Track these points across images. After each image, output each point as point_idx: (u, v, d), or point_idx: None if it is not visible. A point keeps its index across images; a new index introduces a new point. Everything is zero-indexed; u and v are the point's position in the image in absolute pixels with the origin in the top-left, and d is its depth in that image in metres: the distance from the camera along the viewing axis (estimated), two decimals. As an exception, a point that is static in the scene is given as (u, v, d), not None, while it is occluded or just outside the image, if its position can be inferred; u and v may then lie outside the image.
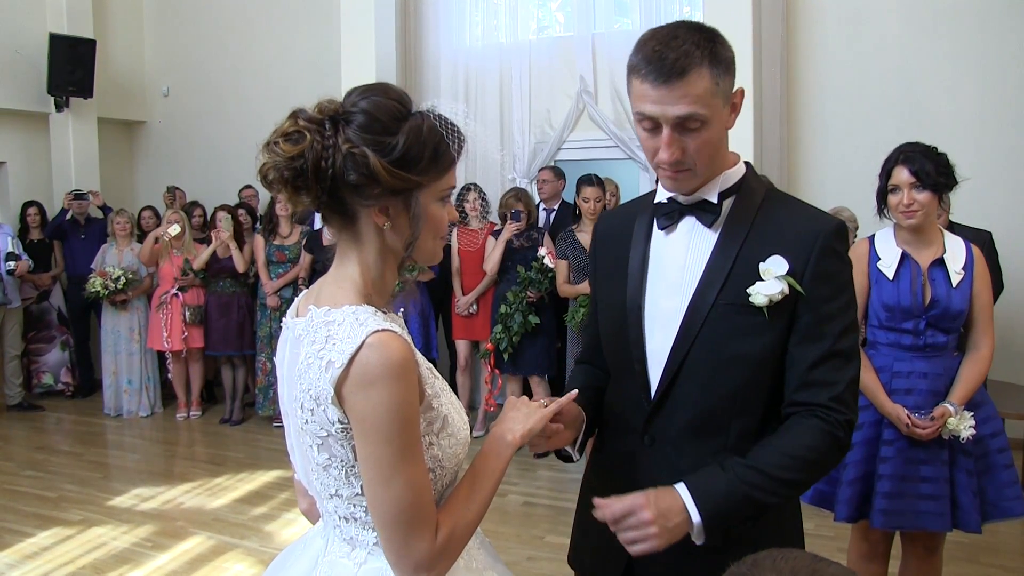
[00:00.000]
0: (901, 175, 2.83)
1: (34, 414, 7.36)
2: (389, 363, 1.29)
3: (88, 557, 4.32)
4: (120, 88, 8.90)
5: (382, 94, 1.38)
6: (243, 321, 6.99)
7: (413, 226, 1.40)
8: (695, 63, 1.47)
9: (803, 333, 1.56)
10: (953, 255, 2.87)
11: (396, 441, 1.29)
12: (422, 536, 1.33)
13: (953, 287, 2.84)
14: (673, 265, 1.65)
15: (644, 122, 1.54)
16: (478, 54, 7.30)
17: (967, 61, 5.80)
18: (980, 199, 5.47)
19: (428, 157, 1.36)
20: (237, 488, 5.36)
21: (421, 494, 1.33)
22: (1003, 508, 2.91)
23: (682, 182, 1.59)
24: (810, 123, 6.22)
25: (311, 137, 1.33)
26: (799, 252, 1.55)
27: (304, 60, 8.12)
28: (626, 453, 1.71)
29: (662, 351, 1.63)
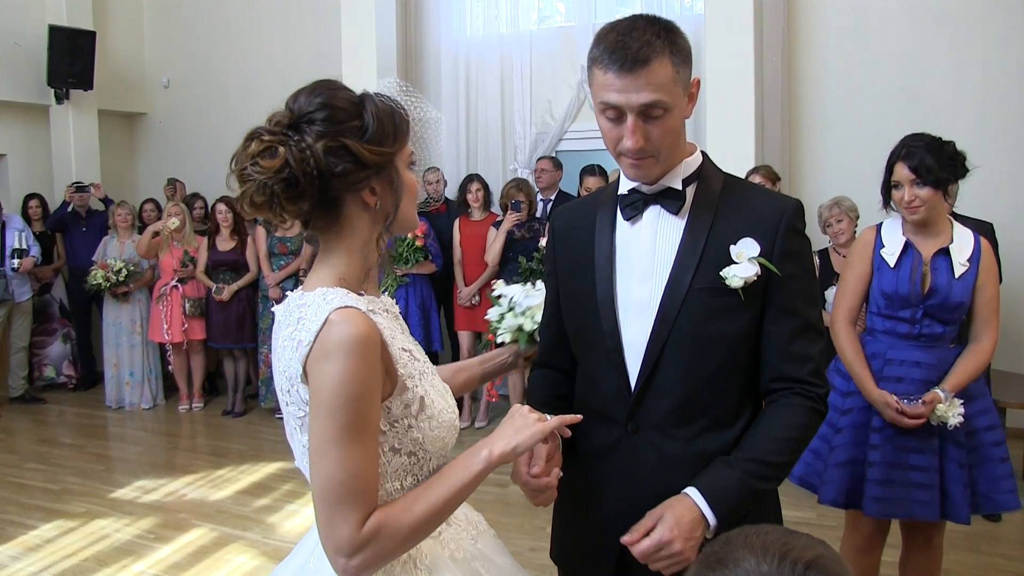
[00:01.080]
0: (902, 172, 2.82)
1: (36, 407, 7.37)
2: (346, 337, 1.30)
3: (91, 549, 4.34)
4: (120, 80, 8.88)
5: (328, 88, 1.43)
6: (244, 313, 6.99)
7: (396, 195, 1.46)
8: (657, 52, 1.51)
9: (777, 310, 1.63)
10: (960, 246, 2.85)
11: (338, 416, 1.29)
12: (346, 519, 1.30)
13: (956, 278, 2.82)
14: (642, 254, 1.67)
15: (608, 111, 1.56)
16: (479, 44, 7.29)
17: (969, 53, 5.78)
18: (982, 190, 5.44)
19: (392, 129, 1.43)
20: (240, 480, 5.37)
21: (354, 475, 1.30)
22: (996, 501, 2.90)
23: (645, 170, 1.62)
24: (811, 114, 6.21)
25: (285, 146, 1.37)
26: (766, 233, 1.61)
27: (305, 51, 8.10)
28: (610, 443, 1.71)
29: (639, 340, 1.65)
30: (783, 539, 0.94)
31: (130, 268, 7.06)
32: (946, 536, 4.23)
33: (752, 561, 0.92)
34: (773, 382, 1.65)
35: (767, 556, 0.92)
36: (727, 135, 5.66)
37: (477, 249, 6.18)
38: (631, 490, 1.67)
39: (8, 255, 6.99)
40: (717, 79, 5.71)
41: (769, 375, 1.65)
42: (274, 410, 6.83)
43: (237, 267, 6.96)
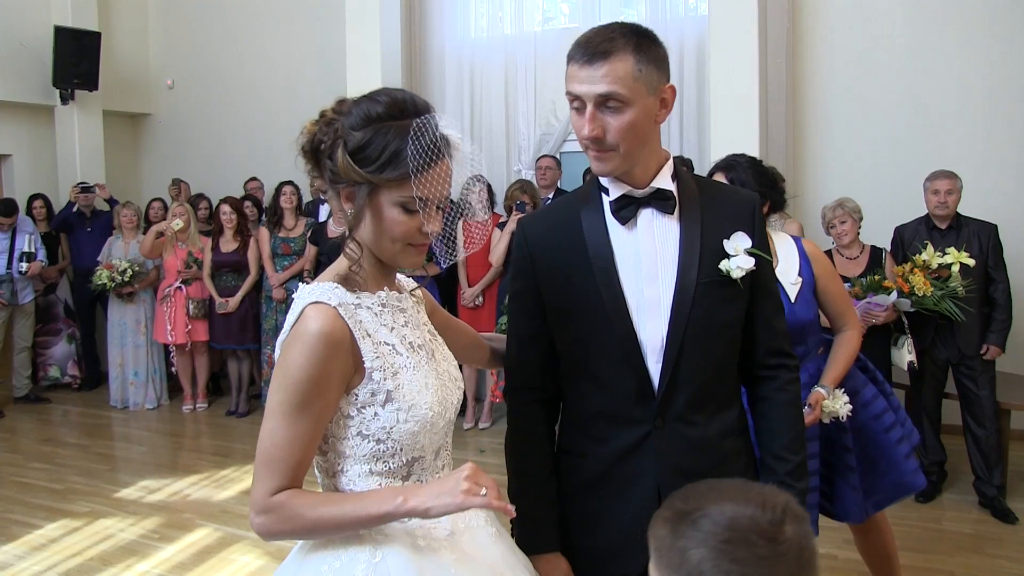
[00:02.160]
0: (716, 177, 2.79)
1: (41, 406, 7.38)
2: (309, 330, 1.43)
3: (96, 549, 4.34)
4: (125, 80, 8.90)
5: (376, 96, 1.50)
6: (246, 314, 7.00)
7: (357, 217, 1.51)
8: (618, 48, 1.60)
9: (761, 293, 1.81)
10: (786, 265, 2.79)
11: (281, 392, 1.44)
12: (263, 482, 1.44)
13: (793, 302, 2.77)
14: (644, 255, 1.73)
15: (574, 101, 1.66)
16: (483, 46, 7.29)
17: (974, 53, 5.77)
18: (987, 192, 5.46)
19: (382, 160, 1.46)
20: (243, 480, 5.38)
21: (278, 446, 1.43)
22: (904, 484, 2.93)
23: (606, 163, 1.68)
24: (816, 116, 6.20)
25: (318, 124, 1.53)
26: (746, 224, 1.76)
27: (309, 52, 8.12)
28: (637, 440, 1.75)
29: (655, 339, 1.72)
30: (755, 488, 1.06)
31: (135, 268, 7.07)
32: (951, 538, 4.26)
33: (732, 507, 1.02)
34: (769, 356, 1.84)
35: (748, 503, 1.02)
36: (731, 136, 5.65)
37: (481, 250, 6.19)
38: (667, 478, 1.72)
39: (17, 258, 7.00)
40: (721, 80, 5.71)
41: (763, 349, 1.84)
42: (278, 410, 6.84)
43: (239, 268, 6.96)
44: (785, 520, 1.02)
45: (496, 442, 6.02)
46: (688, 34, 6.50)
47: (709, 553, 1.00)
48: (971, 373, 4.60)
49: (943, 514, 4.55)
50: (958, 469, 5.00)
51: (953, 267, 4.41)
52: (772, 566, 0.99)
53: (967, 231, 4.64)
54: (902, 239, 4.84)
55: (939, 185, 4.62)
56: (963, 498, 4.71)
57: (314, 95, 8.15)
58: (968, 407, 4.65)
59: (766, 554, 0.99)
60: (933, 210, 4.67)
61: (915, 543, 4.19)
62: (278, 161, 8.00)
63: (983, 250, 4.59)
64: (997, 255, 4.64)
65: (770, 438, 1.84)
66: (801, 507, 1.05)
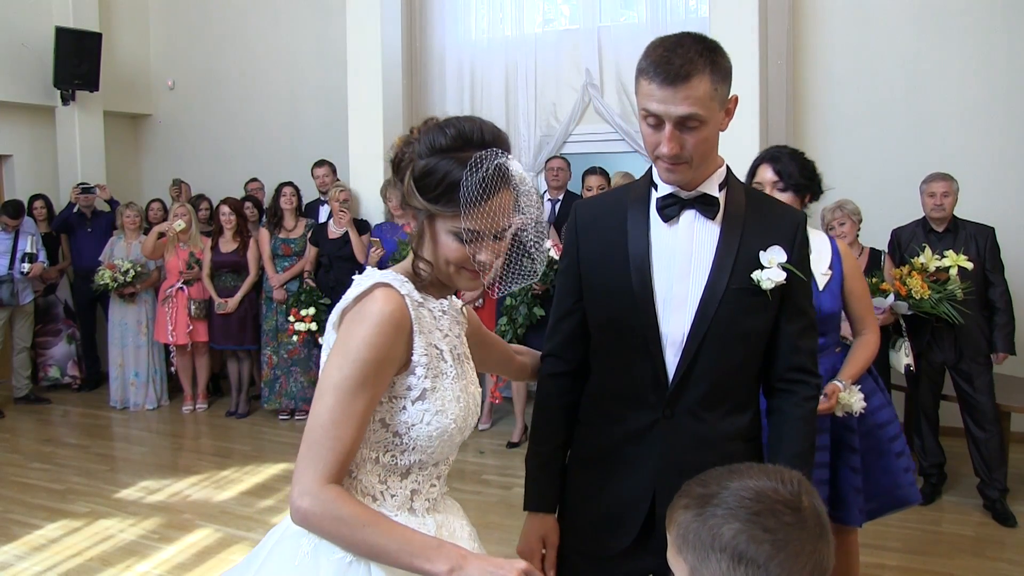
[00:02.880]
0: (765, 173, 2.83)
1: (41, 407, 7.38)
2: (378, 310, 1.47)
3: (96, 549, 4.34)
4: (126, 81, 8.90)
5: (444, 128, 1.53)
6: (246, 315, 7.00)
7: (418, 239, 1.57)
8: (698, 69, 1.65)
9: (792, 310, 1.85)
10: (818, 256, 2.84)
11: (345, 369, 1.45)
12: (315, 462, 1.43)
13: (820, 290, 2.83)
14: (680, 253, 1.81)
15: (649, 119, 1.71)
16: (483, 47, 7.29)
17: (974, 54, 5.78)
18: (986, 194, 5.46)
19: (437, 192, 1.50)
20: (243, 481, 5.38)
21: (336, 427, 1.43)
22: (898, 496, 2.97)
23: (678, 174, 1.76)
24: (816, 117, 6.21)
25: (404, 142, 1.58)
26: (787, 241, 1.82)
27: (310, 53, 8.13)
28: (645, 426, 1.85)
29: (676, 332, 1.80)
30: (768, 466, 1.16)
31: (137, 269, 7.07)
32: (951, 541, 4.26)
33: (754, 482, 1.11)
34: (788, 371, 1.88)
35: (767, 478, 1.11)
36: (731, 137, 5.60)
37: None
38: (664, 468, 1.83)
39: (19, 259, 7.01)
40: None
41: (784, 364, 1.88)
42: (277, 412, 6.85)
43: (239, 269, 6.96)
44: (802, 492, 1.10)
45: (496, 443, 6.03)
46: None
47: (742, 526, 1.07)
48: (968, 376, 4.59)
49: (943, 516, 4.55)
50: (958, 471, 5.01)
51: (951, 270, 4.41)
52: (798, 532, 1.06)
53: (964, 233, 4.64)
54: (899, 241, 4.84)
55: (935, 187, 4.63)
56: (963, 500, 4.72)
57: (315, 97, 8.19)
58: (968, 410, 4.64)
59: (792, 522, 1.07)
60: (929, 212, 4.67)
61: (915, 545, 4.19)
62: (278, 162, 8.05)
63: (980, 253, 4.59)
64: (995, 258, 4.64)
65: (777, 450, 1.88)
66: (809, 482, 1.14)
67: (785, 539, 1.06)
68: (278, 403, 6.84)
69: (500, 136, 1.54)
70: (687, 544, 1.11)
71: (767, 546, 1.05)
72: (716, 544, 1.08)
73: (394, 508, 1.58)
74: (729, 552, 1.07)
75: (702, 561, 1.10)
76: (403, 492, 1.59)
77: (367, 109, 6.90)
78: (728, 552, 1.07)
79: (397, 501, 1.58)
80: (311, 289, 6.57)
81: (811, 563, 1.07)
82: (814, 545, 1.07)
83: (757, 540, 1.05)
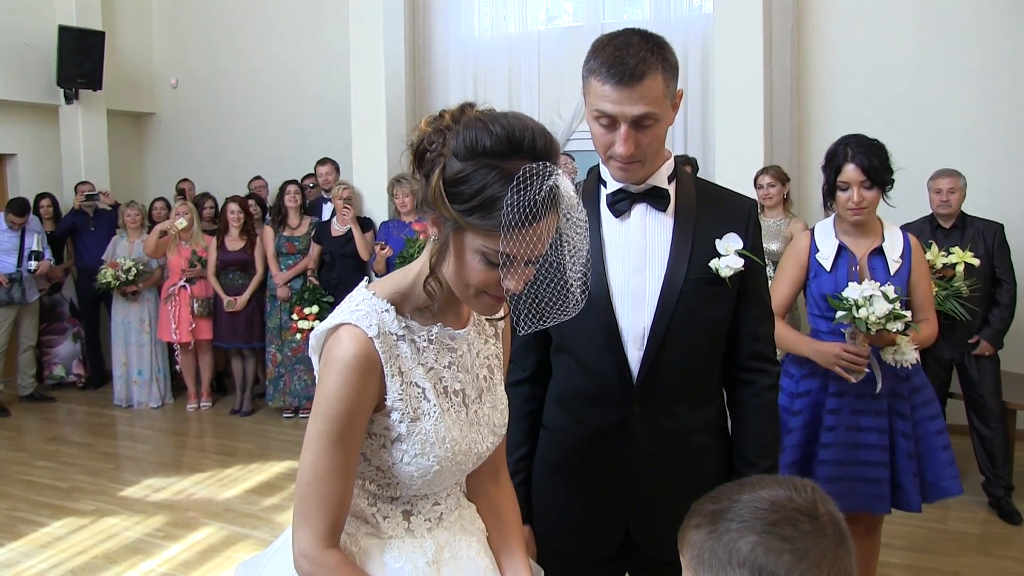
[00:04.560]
0: (851, 173, 2.83)
1: (46, 405, 7.39)
2: (340, 355, 1.35)
3: (101, 547, 4.35)
4: (129, 80, 8.91)
5: (489, 125, 1.29)
6: (252, 313, 7.00)
7: (440, 253, 1.35)
8: (651, 68, 1.64)
9: (751, 297, 1.86)
10: (892, 244, 2.92)
11: (319, 423, 1.36)
12: (311, 523, 1.35)
13: (891, 275, 2.87)
14: (634, 248, 1.82)
15: (602, 119, 1.70)
16: (487, 45, 7.29)
17: (979, 53, 5.75)
18: (992, 190, 5.45)
19: (472, 203, 1.28)
20: (248, 479, 5.38)
21: (321, 483, 1.35)
22: (941, 488, 2.98)
23: (632, 173, 1.76)
24: (821, 114, 6.18)
25: (431, 127, 1.34)
26: (740, 227, 1.82)
27: (313, 51, 8.12)
28: (613, 424, 1.84)
29: (637, 327, 1.80)
30: (778, 477, 1.11)
31: (140, 267, 7.07)
32: (956, 539, 4.25)
33: (767, 492, 1.06)
34: (749, 359, 1.88)
35: (779, 488, 1.06)
36: (736, 135, 5.66)
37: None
38: (633, 465, 1.84)
39: (26, 257, 7.02)
40: (726, 79, 5.71)
41: (745, 351, 1.88)
42: (282, 410, 6.85)
43: (246, 266, 6.97)
44: (817, 499, 1.06)
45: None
46: (692, 33, 6.49)
47: (759, 537, 1.02)
48: (975, 373, 4.59)
49: (948, 514, 4.54)
50: (963, 469, 4.96)
51: (958, 267, 4.39)
52: (818, 540, 1.02)
53: (972, 230, 4.62)
54: None
55: (941, 184, 4.61)
56: (969, 498, 4.69)
57: (318, 94, 8.18)
58: (973, 407, 4.64)
59: (811, 529, 1.02)
60: (936, 209, 4.66)
61: (920, 543, 4.18)
62: (282, 160, 8.05)
63: (988, 250, 4.57)
64: (1004, 255, 4.62)
65: (741, 442, 1.90)
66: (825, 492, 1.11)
67: (805, 548, 1.01)
68: (282, 401, 6.84)
69: (553, 146, 1.31)
70: (703, 564, 1.06)
71: (787, 556, 1.00)
72: (734, 560, 1.02)
73: (389, 532, 1.49)
74: (748, 567, 1.01)
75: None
76: (395, 514, 1.50)
77: (370, 107, 6.90)
78: (747, 567, 1.01)
79: (391, 524, 1.50)
80: (314, 287, 6.57)
81: (833, 572, 1.02)
82: (835, 553, 1.03)
83: (776, 551, 1.00)
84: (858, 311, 2.74)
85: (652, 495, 1.84)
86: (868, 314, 2.71)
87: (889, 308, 2.70)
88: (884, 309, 2.70)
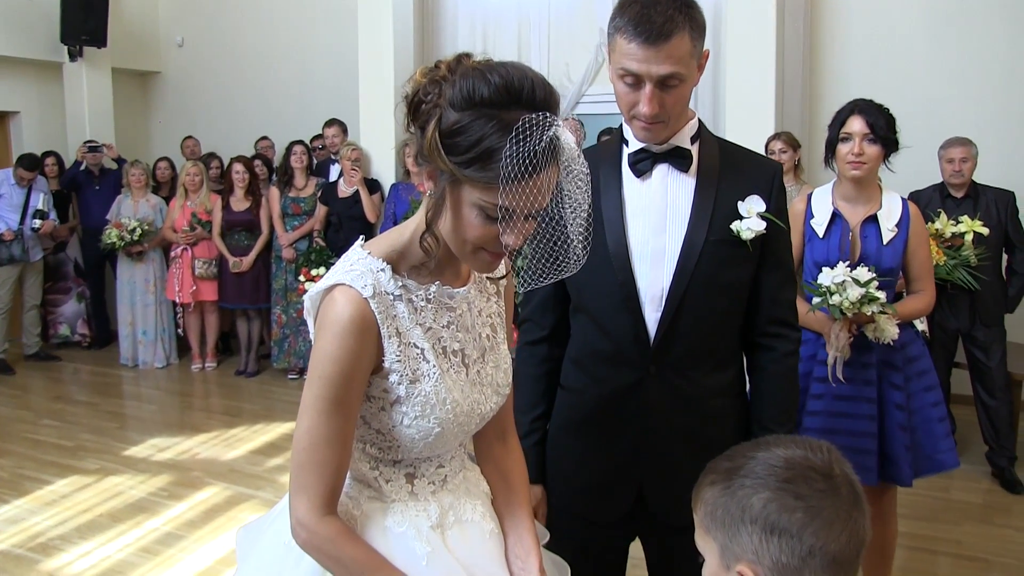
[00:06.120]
0: (855, 125, 2.81)
1: (51, 364, 7.42)
2: (335, 317, 1.32)
3: (105, 506, 4.38)
4: (134, 38, 8.82)
5: (486, 74, 1.25)
6: (258, 274, 6.99)
7: (436, 208, 1.32)
8: (679, 27, 1.62)
9: (772, 261, 1.84)
10: (888, 212, 2.86)
11: (315, 388, 1.32)
12: (308, 491, 1.32)
13: (884, 244, 2.83)
14: (654, 208, 1.80)
15: (627, 77, 1.68)
16: (496, 5, 7.18)
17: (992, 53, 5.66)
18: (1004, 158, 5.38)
19: (472, 155, 1.24)
20: (253, 439, 5.41)
21: (318, 448, 1.32)
22: (936, 461, 2.95)
23: (655, 133, 1.74)
24: (833, 82, 6.09)
25: (427, 76, 1.29)
26: (763, 190, 1.80)
27: (320, 10, 8.03)
28: (629, 384, 1.83)
29: (655, 287, 1.78)
30: (795, 437, 1.11)
31: (144, 227, 7.05)
32: (958, 508, 4.26)
33: (782, 450, 1.06)
34: (769, 324, 1.87)
35: (795, 447, 1.07)
36: (747, 101, 5.58)
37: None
38: (649, 427, 1.83)
39: (30, 216, 7.00)
40: (738, 45, 5.62)
41: (765, 316, 1.86)
42: (287, 371, 6.87)
43: (251, 227, 6.94)
44: (832, 460, 1.06)
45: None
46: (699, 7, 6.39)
47: (772, 494, 1.02)
48: (982, 344, 4.56)
49: (951, 483, 4.54)
50: (968, 439, 4.99)
51: (967, 236, 4.36)
52: (832, 499, 1.02)
53: (984, 199, 4.57)
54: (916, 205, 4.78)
55: (953, 153, 4.55)
56: (973, 468, 4.70)
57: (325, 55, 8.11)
58: (979, 378, 4.62)
59: (825, 488, 1.02)
60: (948, 179, 4.60)
61: (923, 512, 4.19)
62: (289, 120, 7.99)
63: (1002, 219, 4.53)
64: (1017, 223, 4.58)
65: (760, 408, 1.88)
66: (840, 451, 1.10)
67: (819, 506, 1.01)
68: (287, 362, 6.85)
69: (552, 96, 1.28)
70: (715, 521, 1.06)
71: (800, 514, 1.01)
72: (746, 516, 1.03)
73: (392, 495, 1.46)
74: (760, 523, 1.02)
75: (732, 537, 1.04)
76: (398, 477, 1.47)
77: (378, 68, 6.81)
78: (760, 523, 1.02)
79: (394, 487, 1.46)
80: (321, 248, 6.55)
81: (847, 532, 1.02)
82: (848, 513, 1.03)
83: (789, 508, 1.01)
84: (831, 297, 2.73)
85: (666, 456, 1.83)
86: (841, 300, 2.71)
87: (861, 292, 2.69)
88: (856, 294, 2.69)
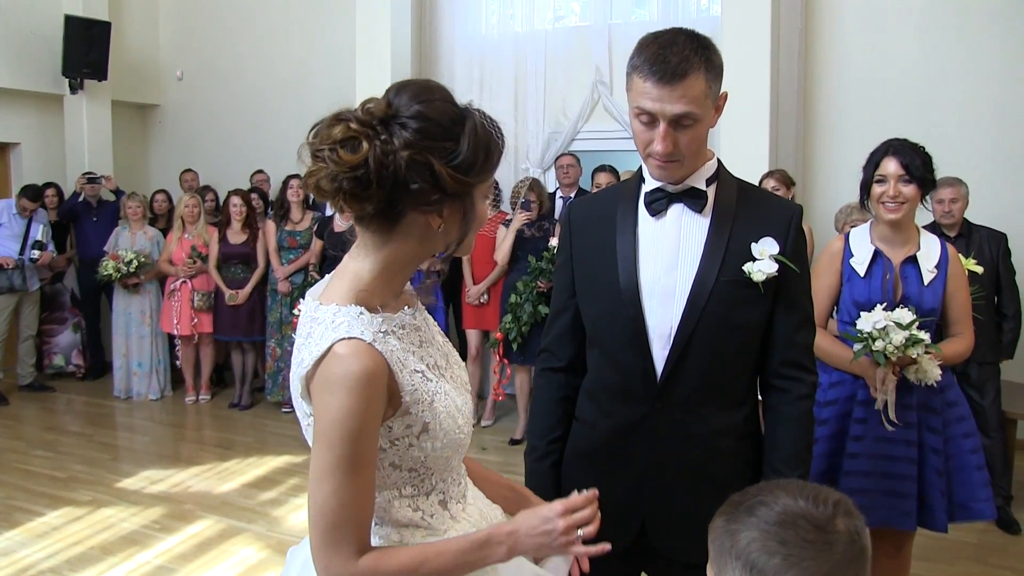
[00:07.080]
0: (890, 166, 2.81)
1: (45, 394, 7.39)
2: (347, 373, 1.28)
3: (97, 538, 4.35)
4: (134, 71, 8.90)
5: (431, 96, 1.34)
6: (253, 307, 6.99)
7: (465, 226, 1.40)
8: (694, 68, 1.67)
9: (786, 303, 1.84)
10: (927, 253, 2.84)
11: (336, 449, 1.28)
12: (338, 551, 1.30)
13: (925, 285, 2.81)
14: (667, 246, 1.83)
15: (642, 116, 1.73)
16: (493, 43, 7.27)
17: (987, 60, 5.73)
18: (996, 199, 5.43)
19: (483, 159, 1.35)
20: (246, 472, 5.38)
21: (347, 507, 1.30)
22: (973, 510, 2.88)
23: (670, 171, 1.78)
24: (827, 119, 6.17)
25: (370, 144, 1.29)
26: (779, 233, 1.81)
27: (319, 46, 8.11)
28: (636, 420, 1.87)
29: (664, 325, 1.82)
30: (812, 485, 1.10)
31: (141, 259, 7.07)
32: (953, 548, 4.24)
33: (789, 499, 1.06)
34: (783, 366, 1.86)
35: (802, 496, 1.06)
36: (742, 138, 5.64)
37: (486, 247, 6.17)
38: (654, 463, 1.86)
39: (29, 246, 7.03)
40: (733, 82, 5.63)
41: (779, 358, 1.86)
42: (280, 404, 6.85)
43: (248, 260, 6.96)
44: (836, 515, 1.05)
45: (499, 440, 6.02)
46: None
47: (758, 535, 1.04)
48: (975, 382, 4.56)
49: (946, 522, 4.53)
50: (962, 477, 4.98)
51: (963, 275, 4.38)
52: (819, 552, 1.02)
53: (977, 237, 4.61)
54: None
55: (943, 194, 4.58)
56: (966, 506, 4.69)
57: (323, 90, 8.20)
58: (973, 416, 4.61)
59: (813, 539, 1.03)
60: (940, 219, 4.63)
61: (917, 551, 4.12)
62: (285, 154, 7.96)
63: (993, 258, 4.56)
64: (1008, 265, 4.61)
65: (772, 450, 1.89)
66: (854, 506, 1.09)
67: (799, 556, 1.02)
68: (281, 395, 6.83)
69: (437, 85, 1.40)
70: (714, 552, 1.10)
71: (778, 559, 1.02)
72: (733, 551, 1.06)
73: (441, 526, 1.47)
74: (742, 560, 1.04)
75: (721, 569, 1.08)
76: (435, 507, 1.48)
77: (375, 103, 6.88)
78: (741, 560, 1.04)
79: (438, 519, 1.47)
80: (315, 282, 6.54)
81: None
82: (841, 570, 1.02)
83: (769, 551, 1.03)
84: (874, 343, 2.67)
85: (669, 491, 1.85)
86: (885, 345, 2.66)
87: (905, 336, 2.63)
88: (900, 339, 2.64)
